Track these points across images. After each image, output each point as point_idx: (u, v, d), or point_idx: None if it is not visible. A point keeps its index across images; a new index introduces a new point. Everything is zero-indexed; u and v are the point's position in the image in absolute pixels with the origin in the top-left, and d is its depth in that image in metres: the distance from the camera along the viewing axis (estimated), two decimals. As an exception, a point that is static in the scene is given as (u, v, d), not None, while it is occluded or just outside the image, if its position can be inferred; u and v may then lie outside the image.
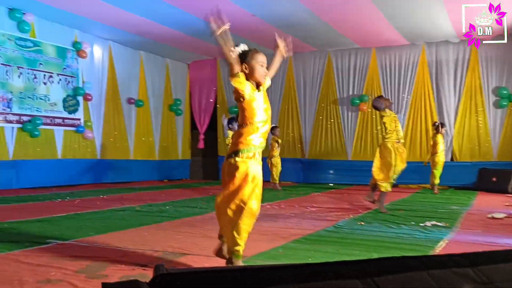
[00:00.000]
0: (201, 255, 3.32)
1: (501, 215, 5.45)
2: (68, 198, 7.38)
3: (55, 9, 8.70)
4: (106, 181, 10.60)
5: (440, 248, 3.65)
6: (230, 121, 7.57)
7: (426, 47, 10.84)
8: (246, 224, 2.71)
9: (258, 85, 2.81)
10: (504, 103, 10.16)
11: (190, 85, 13.55)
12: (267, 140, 2.92)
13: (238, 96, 2.75)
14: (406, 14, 8.75)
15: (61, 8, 8.65)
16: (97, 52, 10.67)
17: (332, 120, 11.72)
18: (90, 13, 8.96)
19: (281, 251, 3.51)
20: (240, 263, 2.77)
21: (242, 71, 2.74)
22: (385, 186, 5.89)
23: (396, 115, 6.17)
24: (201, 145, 13.13)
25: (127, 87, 11.44)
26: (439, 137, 8.97)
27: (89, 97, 10.33)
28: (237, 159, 2.71)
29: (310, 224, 4.87)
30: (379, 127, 11.25)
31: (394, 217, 5.43)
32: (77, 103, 10.10)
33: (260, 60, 2.79)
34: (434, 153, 8.96)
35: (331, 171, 11.64)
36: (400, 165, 5.92)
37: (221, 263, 3.09)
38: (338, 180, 11.35)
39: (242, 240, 2.72)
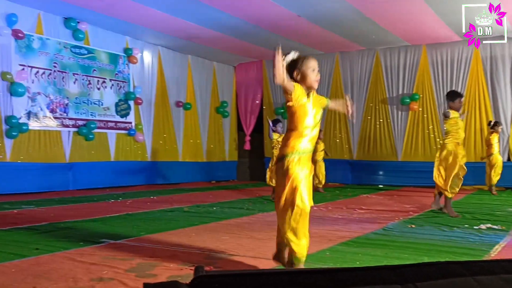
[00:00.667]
0: (247, 256, 3.34)
1: None
2: (120, 199, 7.65)
3: (107, 17, 9.05)
4: (156, 182, 10.89)
5: (495, 253, 3.48)
6: (274, 123, 7.47)
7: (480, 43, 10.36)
8: (301, 225, 2.72)
9: (309, 91, 2.83)
10: None
11: (236, 87, 13.68)
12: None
13: (287, 100, 2.79)
14: (458, 9, 8.41)
15: (113, 16, 8.99)
16: (147, 57, 11.00)
17: (381, 120, 11.46)
18: (140, 20, 9.26)
19: (328, 253, 3.47)
20: (301, 266, 2.77)
21: (293, 78, 2.79)
22: (449, 193, 5.62)
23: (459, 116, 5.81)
24: (247, 146, 13.22)
25: (176, 90, 11.71)
26: (494, 137, 8.57)
27: (140, 101, 10.66)
28: (285, 163, 2.75)
29: (358, 226, 4.78)
30: (430, 127, 10.90)
31: (447, 219, 5.23)
32: (129, 107, 10.45)
33: (311, 65, 2.81)
34: (489, 154, 8.58)
35: (381, 172, 11.38)
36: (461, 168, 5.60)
37: (266, 265, 3.10)
38: (388, 182, 11.08)
39: (299, 242, 2.73)
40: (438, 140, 10.67)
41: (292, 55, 2.84)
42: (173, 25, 9.46)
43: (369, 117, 11.59)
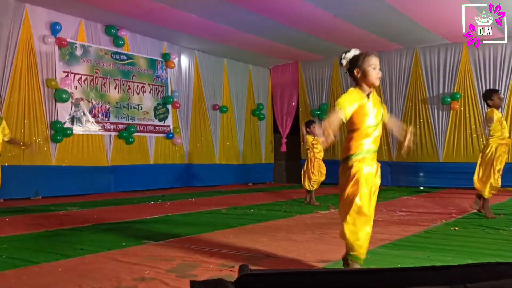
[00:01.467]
0: (286, 258, 3.33)
1: None
2: (160, 201, 7.79)
3: (146, 23, 9.27)
4: (193, 184, 11.03)
5: (546, 257, 3.33)
6: (307, 125, 7.23)
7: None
8: (360, 227, 2.70)
9: (370, 91, 2.80)
10: None
11: (272, 90, 13.70)
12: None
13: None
14: (503, 4, 8.11)
15: (151, 22, 9.20)
16: (184, 61, 11.18)
17: (421, 120, 11.19)
18: (177, 25, 9.43)
19: (368, 256, 3.40)
20: (356, 266, 2.76)
21: (354, 75, 2.80)
22: (487, 193, 5.44)
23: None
24: (283, 148, 13.20)
25: (212, 94, 11.84)
26: None
27: (177, 105, 10.85)
28: (348, 163, 2.75)
29: (399, 229, 4.68)
30: (473, 127, 10.56)
31: (492, 222, 5.05)
32: (167, 111, 10.65)
33: (372, 62, 2.78)
34: None
35: (421, 174, 11.10)
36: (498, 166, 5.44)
37: (304, 267, 3.08)
38: (429, 183, 10.80)
39: (357, 245, 2.71)
40: (481, 140, 10.32)
41: (354, 52, 2.84)
42: (208, 29, 9.58)
43: (408, 117, 11.34)
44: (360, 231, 2.71)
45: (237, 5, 8.12)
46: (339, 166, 2.86)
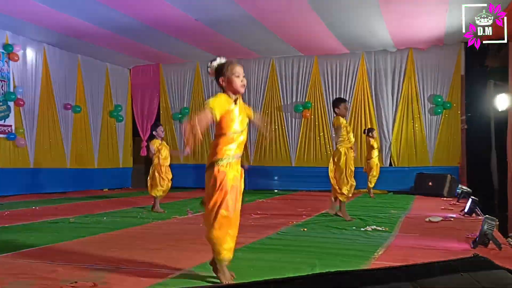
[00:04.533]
0: (139, 268, 3.15)
1: (438, 219, 5.65)
2: (-4, 210, 6.88)
3: (-18, 8, 8.15)
4: (39, 191, 9.97)
5: (380, 253, 3.69)
6: (152, 128, 6.91)
7: (365, 56, 11.16)
8: (225, 231, 2.79)
9: (236, 97, 2.90)
10: (438, 110, 10.63)
11: (131, 91, 13.15)
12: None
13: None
14: (346, 23, 8.96)
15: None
16: (30, 55, 10.09)
17: (276, 127, 11.78)
18: (22, 14, 8.46)
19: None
20: (224, 268, 2.85)
21: (220, 84, 2.88)
22: (343, 197, 5.81)
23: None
24: (144, 152, 12.74)
25: (64, 92, 10.92)
26: (373, 142, 9.23)
27: (21, 103, 9.73)
28: (214, 169, 2.80)
29: (254, 231, 4.79)
30: (321, 134, 11.44)
31: (337, 222, 5.46)
32: (8, 109, 9.49)
33: (236, 71, 2.87)
34: (369, 158, 9.20)
35: (276, 177, 11.68)
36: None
37: (160, 277, 2.94)
38: (283, 186, 11.40)
39: (223, 248, 2.81)
40: (329, 146, 11.25)
41: (219, 61, 2.92)
42: (59, 21, 8.78)
43: (265, 124, 11.82)
44: (226, 235, 2.80)
45: (93, -1, 7.60)
46: (204, 171, 2.88)
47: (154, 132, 6.79)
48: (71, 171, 11.00)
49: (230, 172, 2.81)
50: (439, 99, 10.61)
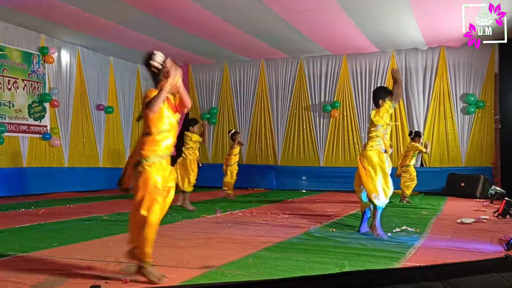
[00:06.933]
0: (167, 266, 3.21)
1: (470, 220, 5.52)
2: (32, 208, 7.10)
3: (20, 13, 8.43)
4: (73, 189, 10.24)
5: (410, 255, 3.64)
6: (192, 123, 7.17)
7: (396, 54, 10.99)
8: (149, 233, 2.81)
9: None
10: (471, 109, 10.38)
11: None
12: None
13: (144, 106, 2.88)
14: (376, 21, 8.85)
15: (26, 12, 8.39)
16: (65, 57, 10.38)
17: (304, 127, 11.75)
18: (56, 17, 8.72)
19: (251, 260, 3.43)
20: (151, 268, 2.85)
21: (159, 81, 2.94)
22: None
23: None
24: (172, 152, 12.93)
25: (97, 93, 11.19)
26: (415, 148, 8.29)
27: (56, 104, 10.04)
28: (139, 168, 2.82)
29: (282, 231, 4.81)
30: (350, 133, 11.34)
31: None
32: (43, 110, 9.79)
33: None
34: (403, 165, 8.29)
35: (303, 177, 11.64)
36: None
37: (187, 274, 3.00)
38: (310, 187, 11.36)
39: (148, 248, 2.82)
40: (357, 146, 11.14)
41: (161, 58, 3.00)
42: (92, 24, 9.01)
43: (292, 124, 11.83)
44: (151, 239, 2.84)
45: (124, 1, 7.76)
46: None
47: (191, 128, 7.01)
48: (104, 170, 11.25)
49: (158, 170, 2.89)
50: (472, 98, 10.36)
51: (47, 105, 9.87)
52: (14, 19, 8.88)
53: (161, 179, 2.82)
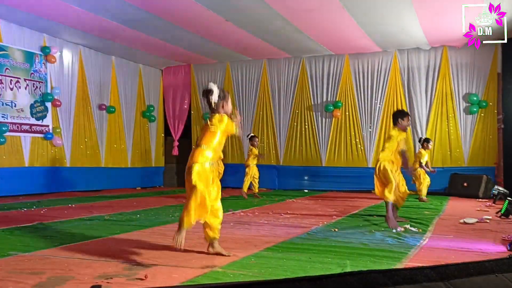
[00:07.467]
0: (169, 265, 3.21)
1: (473, 220, 5.50)
2: (34, 207, 7.12)
3: (22, 12, 8.44)
4: (76, 189, 10.28)
5: (413, 255, 3.63)
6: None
7: (398, 54, 10.97)
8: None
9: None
10: (474, 109, 10.34)
11: (163, 91, 13.36)
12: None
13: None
14: (378, 21, 8.83)
15: (29, 11, 8.40)
16: (67, 57, 10.39)
17: (306, 126, 11.73)
18: (58, 17, 8.73)
19: (253, 260, 3.43)
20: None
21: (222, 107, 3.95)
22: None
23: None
24: (175, 152, 12.94)
25: (98, 93, 11.20)
26: (424, 155, 8.59)
27: (58, 103, 10.04)
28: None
29: (284, 231, 4.80)
30: (352, 133, 11.32)
31: (368, 223, 5.40)
32: (45, 109, 9.80)
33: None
34: (414, 168, 8.49)
35: (306, 177, 11.63)
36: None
37: (189, 274, 2.99)
38: (313, 187, 11.34)
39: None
40: (360, 146, 11.13)
41: (217, 94, 3.87)
42: (94, 24, 9.02)
43: (295, 124, 11.82)
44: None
45: (126, 1, 7.75)
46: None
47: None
48: (106, 170, 11.26)
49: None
50: (475, 98, 10.33)
51: (49, 104, 9.88)
52: (16, 19, 8.89)
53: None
